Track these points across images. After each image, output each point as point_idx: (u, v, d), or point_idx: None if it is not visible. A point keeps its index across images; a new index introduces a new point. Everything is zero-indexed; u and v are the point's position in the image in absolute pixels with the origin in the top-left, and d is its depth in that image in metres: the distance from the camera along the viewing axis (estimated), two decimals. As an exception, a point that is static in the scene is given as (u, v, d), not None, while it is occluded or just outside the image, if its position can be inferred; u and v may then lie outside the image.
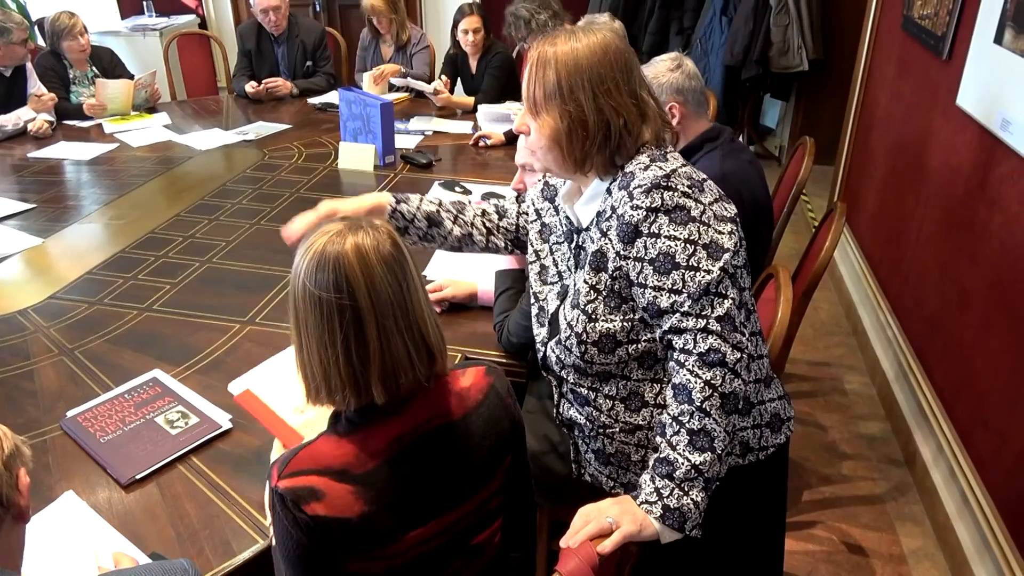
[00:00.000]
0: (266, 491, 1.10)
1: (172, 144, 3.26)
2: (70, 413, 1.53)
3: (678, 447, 1.15)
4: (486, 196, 2.59)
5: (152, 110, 3.74)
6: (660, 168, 1.24)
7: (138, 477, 1.36)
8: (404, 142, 3.17)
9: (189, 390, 1.60)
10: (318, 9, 5.69)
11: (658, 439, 1.19)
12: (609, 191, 1.30)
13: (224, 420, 1.50)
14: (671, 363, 1.22)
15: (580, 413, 1.40)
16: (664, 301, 1.20)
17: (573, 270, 1.41)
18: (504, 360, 1.71)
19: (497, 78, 3.67)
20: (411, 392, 1.07)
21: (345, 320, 1.00)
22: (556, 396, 1.46)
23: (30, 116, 3.37)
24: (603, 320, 1.29)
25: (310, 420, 1.34)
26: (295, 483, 1.00)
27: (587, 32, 1.28)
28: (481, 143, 3.18)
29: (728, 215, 1.25)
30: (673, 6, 4.83)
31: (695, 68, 2.00)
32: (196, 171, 2.95)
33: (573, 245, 1.41)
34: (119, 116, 3.60)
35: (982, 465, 2.08)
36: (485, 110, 3.43)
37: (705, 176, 1.30)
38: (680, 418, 1.16)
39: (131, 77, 3.79)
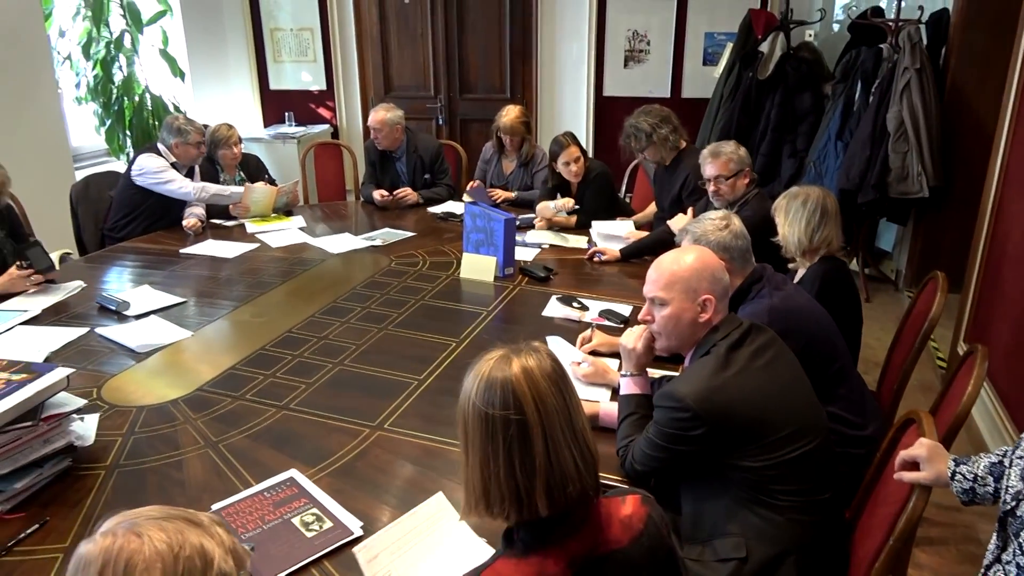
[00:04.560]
0: None
1: (307, 246, 3.50)
2: (214, 507, 1.61)
3: None
4: (603, 313, 2.63)
5: (289, 213, 4.05)
6: None
7: (275, 579, 1.41)
8: (521, 254, 3.28)
9: (322, 492, 1.66)
10: (441, 123, 6.07)
11: None
12: None
13: (356, 526, 1.54)
14: None
15: None
16: None
17: None
18: (624, 486, 1.70)
19: (597, 196, 3.75)
20: (579, 504, 1.10)
21: (509, 435, 1.05)
22: (991, 554, 1.30)
23: (199, 211, 3.74)
24: None
25: None
26: None
27: None
28: (596, 258, 3.26)
29: None
30: (786, 130, 4.90)
31: (742, 227, 2.14)
32: (329, 273, 3.15)
33: None
34: (260, 218, 3.92)
35: None
36: (599, 228, 3.53)
37: None
38: None
39: (273, 182, 4.13)
